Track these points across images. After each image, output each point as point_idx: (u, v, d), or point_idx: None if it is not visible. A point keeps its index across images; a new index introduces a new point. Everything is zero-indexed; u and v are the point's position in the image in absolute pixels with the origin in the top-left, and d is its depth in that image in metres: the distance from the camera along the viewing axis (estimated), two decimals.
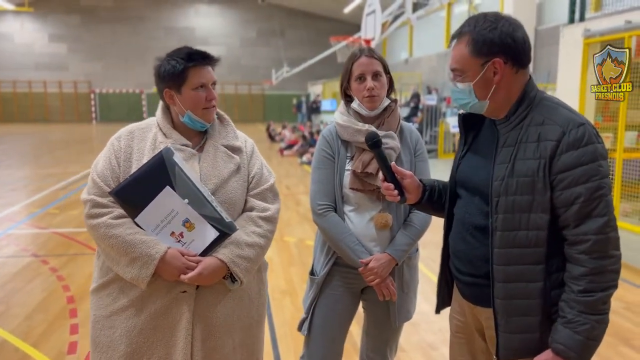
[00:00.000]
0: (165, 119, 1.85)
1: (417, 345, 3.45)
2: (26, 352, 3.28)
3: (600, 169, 1.40)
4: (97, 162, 1.80)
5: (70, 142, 18.61)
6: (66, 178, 10.19)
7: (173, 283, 1.73)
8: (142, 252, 1.66)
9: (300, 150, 14.12)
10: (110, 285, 1.77)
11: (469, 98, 1.53)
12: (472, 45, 1.48)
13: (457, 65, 1.53)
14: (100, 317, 1.78)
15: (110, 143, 1.83)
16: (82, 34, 30.62)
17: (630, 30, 6.37)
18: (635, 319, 3.86)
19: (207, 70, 1.80)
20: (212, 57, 1.82)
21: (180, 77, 1.76)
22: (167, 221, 1.72)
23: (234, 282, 1.80)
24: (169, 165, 1.69)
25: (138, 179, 1.69)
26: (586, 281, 1.40)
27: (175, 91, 1.79)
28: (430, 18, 20.05)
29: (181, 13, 31.46)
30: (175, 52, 1.80)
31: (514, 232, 1.47)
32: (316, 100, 24.34)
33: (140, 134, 1.83)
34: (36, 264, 5.00)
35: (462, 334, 1.75)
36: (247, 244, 1.79)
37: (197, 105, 1.79)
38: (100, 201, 1.71)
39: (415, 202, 1.77)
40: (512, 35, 1.46)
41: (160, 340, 1.74)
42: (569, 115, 1.45)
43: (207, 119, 1.83)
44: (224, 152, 1.87)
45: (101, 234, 1.69)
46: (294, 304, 4.14)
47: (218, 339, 1.79)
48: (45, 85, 30.65)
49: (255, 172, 1.92)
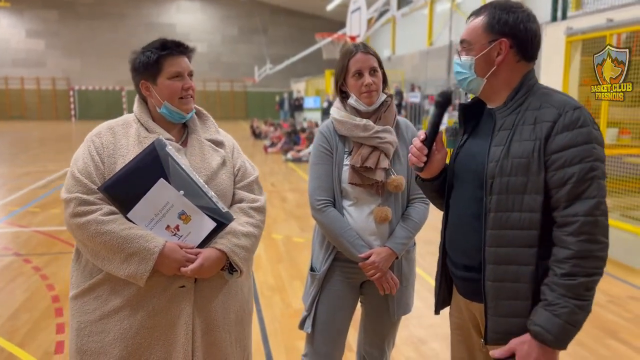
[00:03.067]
0: (145, 114, 1.81)
1: (407, 340, 3.46)
2: (12, 352, 3.20)
3: (593, 151, 1.40)
4: (76, 160, 1.72)
5: (48, 140, 18.27)
6: (46, 176, 10.00)
7: (171, 279, 1.69)
8: (139, 247, 1.60)
9: (285, 148, 14.07)
10: (97, 287, 1.69)
11: (469, 72, 1.55)
12: (487, 21, 1.51)
13: (467, 37, 1.55)
14: (86, 322, 1.69)
15: (89, 140, 1.76)
16: (60, 30, 30.09)
17: (612, 28, 6.48)
18: (620, 311, 3.93)
19: (182, 59, 1.78)
20: (186, 46, 1.79)
21: (154, 66, 1.74)
22: (161, 214, 1.67)
23: (231, 273, 1.78)
24: (162, 157, 1.64)
25: (129, 173, 1.63)
26: (570, 264, 1.38)
27: (151, 82, 1.76)
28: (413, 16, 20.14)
29: (162, 9, 31.14)
30: (149, 44, 1.78)
31: (507, 214, 1.47)
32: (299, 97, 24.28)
33: (122, 130, 1.78)
34: (18, 263, 4.90)
35: (460, 331, 1.75)
36: (243, 233, 1.77)
37: (174, 95, 1.76)
38: (86, 198, 1.64)
39: (427, 178, 1.73)
40: (525, 24, 1.50)
41: (158, 339, 1.68)
42: (566, 98, 1.47)
43: (185, 109, 1.80)
44: (208, 145, 1.85)
45: (91, 232, 1.61)
46: (284, 300, 4.12)
47: (217, 333, 1.77)
48: (23, 82, 30.06)
49: (240, 165, 1.92)
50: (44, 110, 30.59)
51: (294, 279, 4.60)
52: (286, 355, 3.27)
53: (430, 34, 19.30)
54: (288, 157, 13.19)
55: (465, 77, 1.57)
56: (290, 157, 13.10)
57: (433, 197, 1.81)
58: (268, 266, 4.94)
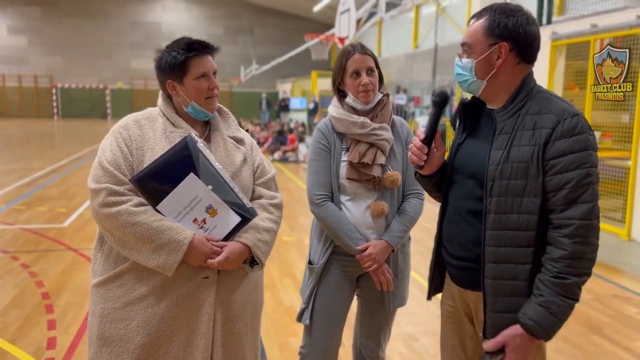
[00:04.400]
0: (170, 109, 1.84)
1: (398, 336, 3.51)
2: (3, 347, 3.19)
3: (590, 158, 1.47)
4: (103, 151, 1.75)
5: (30, 137, 18.02)
6: (30, 174, 9.88)
7: (196, 269, 1.73)
8: (170, 238, 1.65)
9: (272, 148, 14.08)
10: (123, 275, 1.72)
11: (469, 75, 1.60)
12: (488, 24, 1.56)
13: (468, 40, 1.60)
14: (110, 309, 1.72)
15: (116, 132, 1.78)
16: (43, 27, 29.65)
17: (596, 33, 6.63)
18: (604, 309, 4.03)
19: (207, 60, 1.81)
20: (212, 46, 1.84)
21: (181, 67, 1.77)
22: (190, 208, 1.71)
23: (252, 267, 1.83)
24: (193, 152, 1.69)
25: (161, 166, 1.67)
26: (564, 264, 1.46)
27: (178, 82, 1.79)
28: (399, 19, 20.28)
29: (147, 8, 30.86)
30: (174, 43, 1.80)
31: (506, 215, 1.53)
32: (285, 98, 24.28)
33: (148, 124, 1.81)
34: (6, 260, 4.86)
35: (452, 319, 1.81)
36: (264, 228, 1.83)
37: (200, 95, 1.79)
38: (116, 189, 1.67)
39: (428, 175, 1.77)
40: (525, 27, 1.54)
41: (181, 327, 1.73)
42: (564, 105, 1.53)
43: (210, 108, 1.84)
44: (231, 142, 1.90)
45: (122, 222, 1.64)
46: (275, 297, 4.16)
47: (235, 323, 1.82)
48: (4, 79, 29.55)
49: (259, 162, 1.97)
50: (26, 107, 30.12)
51: (284, 277, 4.64)
52: (279, 351, 3.30)
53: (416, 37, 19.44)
54: (275, 157, 13.21)
55: (465, 79, 1.62)
56: (277, 158, 13.12)
57: (431, 191, 1.87)
58: None
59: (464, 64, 1.61)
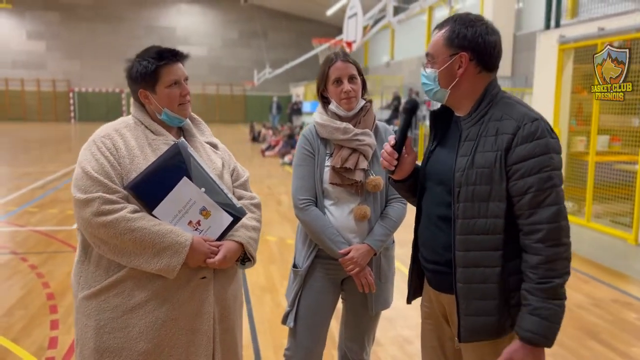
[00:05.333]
0: (147, 118, 1.87)
1: (393, 339, 3.54)
2: (6, 346, 3.28)
3: (551, 161, 1.50)
4: (87, 161, 1.73)
5: (48, 141, 18.36)
6: (44, 177, 10.08)
7: (194, 270, 1.77)
8: (171, 241, 1.69)
9: (282, 151, 14.16)
10: (119, 284, 1.72)
11: (434, 84, 1.65)
12: (448, 36, 1.61)
13: (431, 50, 1.65)
14: (108, 320, 1.72)
15: (98, 141, 1.77)
16: (61, 32, 30.20)
17: (603, 37, 6.58)
18: (602, 314, 4.01)
19: (178, 67, 1.84)
20: (181, 53, 1.86)
21: (152, 76, 1.80)
22: (184, 211, 1.77)
23: (243, 264, 1.91)
24: (186, 157, 1.75)
25: (154, 172, 1.72)
26: (544, 269, 1.49)
27: (150, 91, 1.83)
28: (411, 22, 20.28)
29: (162, 12, 31.25)
30: (144, 52, 1.83)
31: (473, 220, 1.57)
32: (297, 102, 24.39)
33: (128, 133, 1.82)
34: (15, 261, 4.98)
35: (431, 320, 1.85)
36: (252, 227, 1.92)
37: (173, 102, 1.83)
38: (109, 197, 1.68)
39: (400, 180, 1.81)
40: (484, 37, 1.58)
41: (182, 329, 1.76)
42: (525, 111, 1.56)
43: (184, 114, 1.88)
44: (209, 147, 1.96)
45: (120, 230, 1.65)
46: (274, 300, 4.21)
47: (230, 320, 1.90)
48: (23, 84, 30.14)
49: (234, 166, 2.04)
50: (44, 111, 30.66)
51: (285, 279, 4.68)
52: (274, 353, 3.35)
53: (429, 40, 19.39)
54: (285, 160, 13.28)
55: (430, 88, 1.67)
56: (287, 161, 13.19)
57: (406, 196, 1.91)
58: (260, 267, 5.03)
59: (428, 73, 1.66)
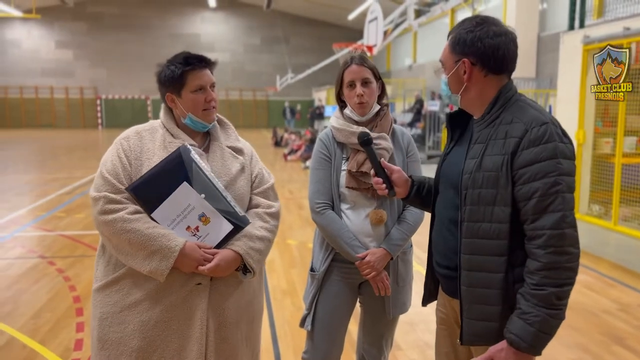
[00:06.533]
0: (171, 121, 1.93)
1: (413, 343, 3.52)
2: (34, 348, 3.37)
3: (558, 166, 1.46)
4: (105, 161, 1.84)
5: (75, 147, 18.77)
6: (71, 183, 10.32)
7: (189, 276, 1.79)
8: (161, 245, 1.71)
9: (304, 155, 14.21)
10: (120, 281, 1.79)
11: (447, 89, 1.68)
12: (452, 42, 1.62)
13: (441, 57, 1.68)
14: (108, 313, 1.80)
15: (117, 143, 1.87)
16: (88, 41, 30.89)
17: (629, 37, 6.45)
18: (629, 319, 3.92)
19: (204, 73, 1.88)
20: (209, 60, 1.90)
21: (179, 81, 1.85)
22: (183, 216, 1.79)
23: (245, 274, 1.89)
24: (187, 162, 1.77)
25: (155, 175, 1.76)
26: (540, 276, 1.46)
27: (176, 95, 1.88)
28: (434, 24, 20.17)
29: (187, 20, 31.71)
30: (174, 58, 1.89)
31: (478, 224, 1.55)
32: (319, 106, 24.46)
33: (148, 135, 1.89)
34: (43, 265, 5.11)
35: (444, 326, 1.84)
36: (258, 237, 1.89)
37: (197, 107, 1.87)
38: (114, 197, 1.75)
39: (405, 197, 1.86)
40: (484, 40, 1.55)
41: (175, 332, 1.79)
42: (535, 114, 1.53)
43: (208, 119, 1.92)
44: (229, 152, 1.97)
45: (118, 229, 1.71)
46: (295, 304, 4.23)
47: (229, 330, 1.87)
48: (52, 91, 30.91)
49: (257, 172, 2.03)
50: (73, 118, 31.38)
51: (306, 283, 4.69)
52: (295, 356, 3.36)
53: None
54: (307, 164, 13.32)
55: (447, 93, 1.70)
56: (309, 165, 13.20)
57: (424, 209, 1.95)
58: (282, 271, 5.06)
59: (443, 79, 1.68)
